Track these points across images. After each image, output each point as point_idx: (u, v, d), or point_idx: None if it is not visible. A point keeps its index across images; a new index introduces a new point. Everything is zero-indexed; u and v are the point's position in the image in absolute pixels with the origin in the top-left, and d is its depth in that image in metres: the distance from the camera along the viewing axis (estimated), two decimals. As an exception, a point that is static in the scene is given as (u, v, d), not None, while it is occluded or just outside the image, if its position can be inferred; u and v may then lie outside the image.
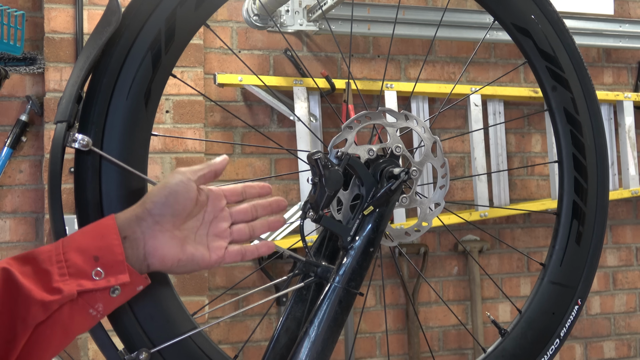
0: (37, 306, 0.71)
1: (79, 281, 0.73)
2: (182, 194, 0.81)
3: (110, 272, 0.75)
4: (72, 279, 0.73)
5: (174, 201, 0.80)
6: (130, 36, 0.88)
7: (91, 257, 0.74)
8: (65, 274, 0.73)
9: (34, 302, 0.70)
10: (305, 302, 0.98)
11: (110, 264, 0.75)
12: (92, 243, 0.75)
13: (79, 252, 0.74)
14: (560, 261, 1.15)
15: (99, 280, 0.74)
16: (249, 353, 2.81)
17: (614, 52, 3.37)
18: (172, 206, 0.80)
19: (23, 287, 0.70)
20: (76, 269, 0.73)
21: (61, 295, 0.72)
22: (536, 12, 1.13)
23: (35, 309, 0.71)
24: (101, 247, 0.75)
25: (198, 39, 2.64)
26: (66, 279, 0.72)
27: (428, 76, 3.09)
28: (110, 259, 0.75)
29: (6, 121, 2.52)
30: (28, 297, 0.70)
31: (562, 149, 1.16)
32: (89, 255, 0.74)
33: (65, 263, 0.73)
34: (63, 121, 0.84)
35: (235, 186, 0.89)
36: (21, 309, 0.70)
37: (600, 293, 3.32)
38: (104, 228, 0.77)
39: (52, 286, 0.71)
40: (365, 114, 0.98)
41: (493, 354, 1.12)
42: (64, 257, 0.73)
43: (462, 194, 3.12)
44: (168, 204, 0.80)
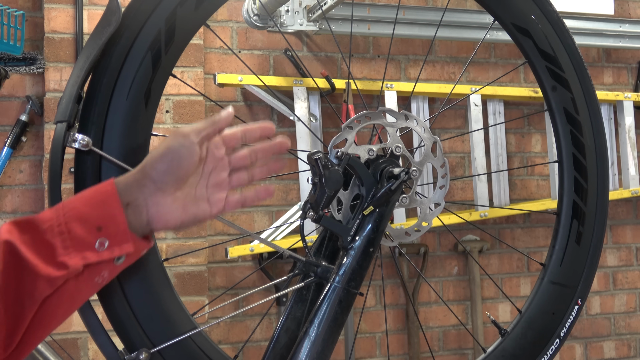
0: (43, 282, 0.70)
1: (84, 253, 0.72)
2: (185, 159, 0.78)
3: (114, 242, 0.73)
4: (76, 252, 0.71)
5: (177, 166, 0.78)
6: (130, 36, 0.88)
7: (94, 227, 0.72)
8: (68, 247, 0.71)
9: (40, 278, 0.70)
10: (305, 302, 0.98)
11: (113, 234, 0.73)
12: (94, 212, 0.73)
13: (81, 222, 0.72)
14: (560, 261, 1.15)
15: (103, 252, 0.73)
16: (249, 353, 2.81)
17: (614, 52, 3.37)
18: (174, 172, 0.78)
19: (28, 262, 0.69)
20: (79, 241, 0.72)
21: (67, 270, 0.71)
22: (536, 12, 1.13)
23: (41, 285, 0.70)
24: (103, 216, 0.73)
25: (198, 39, 2.64)
26: (70, 251, 0.71)
27: (428, 76, 3.09)
28: (113, 229, 0.73)
29: (6, 121, 2.52)
30: (34, 272, 0.69)
31: (562, 149, 1.16)
32: (91, 225, 0.72)
33: (68, 235, 0.71)
34: (63, 121, 0.84)
35: (234, 130, 0.85)
36: (27, 284, 0.70)
37: (600, 293, 3.32)
38: (105, 195, 0.74)
39: (57, 260, 0.70)
40: (365, 114, 0.98)
41: (493, 354, 1.12)
42: (66, 227, 0.72)
43: (462, 194, 3.12)
44: (170, 170, 0.77)
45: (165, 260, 0.95)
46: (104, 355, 0.88)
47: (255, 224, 2.82)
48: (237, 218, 2.80)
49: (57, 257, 0.71)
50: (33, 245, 0.70)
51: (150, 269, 0.90)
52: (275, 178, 2.85)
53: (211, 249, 2.70)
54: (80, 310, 0.89)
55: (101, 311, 0.89)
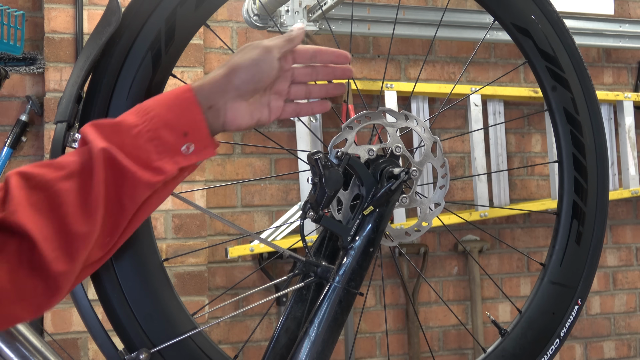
0: (143, 187, 0.75)
1: (175, 158, 0.77)
2: (266, 72, 0.85)
3: (199, 147, 0.79)
4: (168, 157, 0.77)
5: (258, 78, 0.84)
6: (130, 36, 0.88)
7: (181, 133, 0.78)
8: (161, 152, 0.76)
9: (140, 184, 0.74)
10: (305, 302, 0.98)
11: (197, 139, 0.79)
12: (179, 118, 0.78)
13: (169, 128, 0.77)
14: (560, 261, 1.15)
15: (190, 155, 0.79)
16: (249, 353, 2.81)
17: (614, 52, 3.37)
18: (255, 82, 0.84)
19: (129, 170, 0.73)
20: (169, 146, 0.77)
21: (165, 175, 0.76)
22: (536, 12, 1.13)
23: (141, 190, 0.75)
24: (188, 123, 0.79)
25: (198, 39, 2.64)
26: (163, 157, 0.76)
27: (428, 76, 3.09)
28: (197, 134, 0.79)
29: (6, 121, 2.52)
30: (135, 179, 0.74)
31: (562, 149, 1.16)
32: (179, 131, 0.78)
33: (159, 141, 0.76)
34: (63, 121, 0.84)
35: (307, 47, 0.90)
36: (128, 190, 0.74)
37: (600, 293, 3.32)
38: (186, 102, 0.79)
39: (153, 165, 0.76)
40: (365, 114, 0.98)
41: (493, 354, 1.12)
42: (156, 134, 0.76)
43: (462, 194, 3.12)
44: (252, 80, 0.83)
45: (165, 260, 0.95)
46: (104, 355, 0.88)
47: (255, 224, 2.82)
48: (237, 218, 2.80)
49: (153, 163, 0.76)
50: (128, 151, 0.74)
51: (150, 269, 0.90)
52: (275, 178, 2.85)
53: (211, 249, 2.70)
54: (80, 310, 0.89)
55: (101, 311, 0.89)
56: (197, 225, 2.59)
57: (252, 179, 2.79)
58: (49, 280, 0.68)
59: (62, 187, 0.70)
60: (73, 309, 2.33)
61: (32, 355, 0.96)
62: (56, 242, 0.68)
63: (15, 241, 0.66)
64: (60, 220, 0.69)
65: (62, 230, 0.69)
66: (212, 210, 2.72)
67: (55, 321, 2.40)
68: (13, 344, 0.96)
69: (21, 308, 0.68)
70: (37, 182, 0.70)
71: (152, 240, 0.92)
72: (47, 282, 0.68)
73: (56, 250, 0.68)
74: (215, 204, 2.76)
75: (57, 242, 0.68)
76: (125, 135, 0.75)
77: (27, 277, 0.67)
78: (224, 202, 2.78)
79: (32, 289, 0.68)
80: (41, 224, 0.68)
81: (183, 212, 2.57)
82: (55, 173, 0.71)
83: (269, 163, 2.86)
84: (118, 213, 0.74)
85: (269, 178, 2.85)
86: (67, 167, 0.72)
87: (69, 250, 0.69)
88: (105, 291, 0.88)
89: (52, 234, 0.68)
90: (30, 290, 0.67)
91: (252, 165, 2.83)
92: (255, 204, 2.82)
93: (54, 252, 0.68)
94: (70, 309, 2.38)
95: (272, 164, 2.86)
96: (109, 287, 0.88)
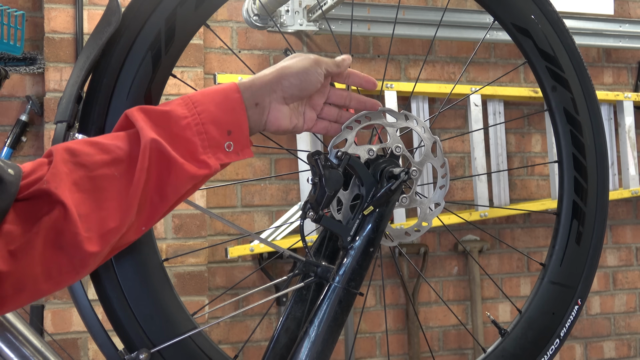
0: (188, 179, 0.77)
1: (218, 154, 0.80)
2: (314, 84, 0.89)
3: (239, 147, 0.83)
4: (212, 152, 0.80)
5: (305, 88, 0.89)
6: (130, 36, 0.88)
7: (225, 131, 0.81)
8: (207, 147, 0.79)
9: (186, 176, 0.76)
10: (305, 302, 0.98)
11: (238, 139, 0.82)
12: (226, 117, 0.81)
13: (215, 125, 0.80)
14: (560, 261, 1.15)
15: (230, 153, 0.82)
16: (249, 353, 2.81)
17: (614, 52, 3.37)
18: (301, 89, 0.88)
19: (176, 161, 0.75)
20: (214, 142, 0.80)
21: (209, 170, 0.79)
22: (536, 12, 1.13)
23: (186, 181, 0.77)
24: (233, 122, 0.82)
25: (198, 39, 2.64)
26: (208, 151, 0.79)
27: (428, 76, 3.09)
28: (239, 134, 0.82)
29: (6, 121, 2.52)
30: (181, 170, 0.76)
31: (562, 149, 1.16)
32: (224, 129, 0.81)
33: (206, 135, 0.79)
34: (63, 121, 0.84)
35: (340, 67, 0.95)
36: (173, 179, 0.76)
37: (600, 293, 3.32)
38: (234, 102, 0.83)
39: (198, 158, 0.78)
40: (365, 114, 0.98)
41: (493, 354, 1.12)
42: (204, 128, 0.79)
43: (462, 194, 3.12)
44: (301, 87, 0.88)
45: (165, 260, 0.95)
46: (104, 355, 0.88)
47: (255, 224, 2.82)
48: (237, 218, 2.80)
49: (198, 156, 0.78)
50: (175, 142, 0.76)
51: (150, 269, 0.90)
52: (275, 178, 2.85)
53: (211, 249, 2.70)
54: (80, 310, 0.89)
55: (101, 311, 0.89)
56: (197, 225, 2.59)
57: (252, 179, 2.79)
58: (75, 259, 0.69)
59: (106, 172, 0.72)
60: (73, 309, 2.33)
61: (32, 355, 0.96)
62: (91, 223, 0.69)
63: (54, 214, 0.67)
64: (99, 204, 0.70)
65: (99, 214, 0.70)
66: (212, 210, 2.72)
67: (55, 321, 2.40)
68: (13, 344, 0.96)
69: (45, 281, 0.68)
70: (82, 161, 0.71)
71: (152, 240, 0.92)
72: (73, 261, 0.69)
73: (90, 231, 0.69)
74: (215, 204, 2.76)
75: (91, 223, 0.69)
76: (174, 125, 0.77)
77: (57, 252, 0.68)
78: (224, 202, 2.78)
79: (58, 264, 0.68)
80: (80, 203, 0.69)
81: (183, 212, 2.57)
82: (102, 156, 0.72)
83: (269, 163, 2.86)
84: (158, 202, 0.76)
85: (269, 178, 2.85)
86: (114, 152, 0.73)
87: (102, 233, 0.70)
88: (105, 291, 0.88)
89: (88, 214, 0.69)
90: (56, 265, 0.68)
91: (252, 165, 2.83)
92: (255, 204, 2.82)
93: (87, 232, 0.69)
94: (70, 309, 2.38)
95: (272, 164, 2.86)
96: (109, 287, 0.88)
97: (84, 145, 0.72)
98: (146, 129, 0.74)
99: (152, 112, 0.77)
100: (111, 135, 0.76)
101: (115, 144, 0.74)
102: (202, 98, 0.81)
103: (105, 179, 0.71)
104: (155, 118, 0.77)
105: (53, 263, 0.68)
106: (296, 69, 0.88)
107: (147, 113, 0.77)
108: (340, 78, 0.95)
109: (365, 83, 0.97)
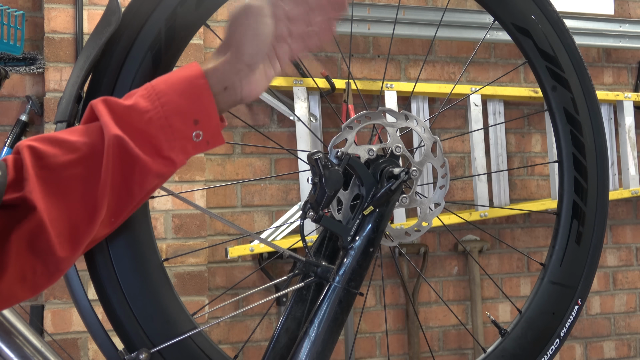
0: (153, 177, 0.75)
1: (185, 147, 0.77)
2: (268, 34, 0.83)
3: (208, 135, 0.79)
4: (178, 145, 0.76)
5: (264, 45, 0.83)
6: (130, 36, 0.88)
7: (191, 120, 0.77)
8: (171, 141, 0.75)
9: (151, 173, 0.74)
10: (305, 302, 0.98)
11: (207, 127, 0.78)
12: (191, 106, 0.77)
13: (180, 116, 0.76)
14: (560, 261, 1.15)
15: (199, 143, 0.78)
16: (249, 353, 2.81)
17: (614, 52, 3.37)
18: (262, 50, 0.83)
19: (140, 159, 0.73)
20: (180, 134, 0.76)
21: (175, 167, 0.77)
22: (536, 12, 1.13)
23: (152, 179, 0.75)
24: (199, 110, 0.77)
25: (198, 39, 2.64)
26: (174, 145, 0.76)
27: (428, 76, 3.09)
28: (208, 122, 0.78)
29: (6, 121, 2.52)
30: (145, 168, 0.74)
31: (562, 149, 1.16)
32: (189, 119, 0.77)
33: (170, 129, 0.75)
34: (63, 121, 0.84)
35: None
36: (138, 177, 0.74)
37: (600, 293, 3.32)
38: (199, 89, 0.78)
39: (163, 154, 0.75)
40: (365, 114, 0.98)
41: (493, 354, 1.12)
42: (167, 122, 0.75)
43: (462, 194, 3.12)
44: (260, 49, 0.82)
45: (165, 260, 0.95)
46: (104, 355, 0.88)
47: (255, 224, 2.82)
48: (237, 218, 2.80)
49: (163, 152, 0.75)
50: (139, 138, 0.73)
51: (150, 269, 0.90)
52: (275, 178, 2.85)
53: (211, 249, 2.70)
54: (80, 310, 0.89)
55: (101, 311, 0.89)
56: (197, 225, 2.59)
57: (252, 179, 2.79)
58: (49, 264, 0.68)
59: (73, 172, 0.70)
60: (73, 309, 2.33)
61: (32, 355, 0.96)
62: (61, 228, 0.68)
63: (28, 221, 0.66)
64: (68, 207, 0.69)
65: (69, 217, 0.69)
66: (212, 210, 2.72)
67: (55, 321, 2.40)
68: (13, 344, 0.96)
69: (21, 287, 0.68)
70: (48, 163, 0.69)
71: (152, 240, 0.92)
72: (48, 265, 0.68)
73: (61, 236, 0.68)
74: (215, 204, 2.76)
75: (62, 228, 0.68)
76: (137, 120, 0.74)
77: (31, 257, 0.67)
78: (224, 202, 2.78)
79: (33, 270, 0.68)
80: (49, 207, 0.68)
81: (183, 212, 2.57)
82: (67, 156, 0.70)
83: (269, 163, 2.85)
84: (126, 198, 0.74)
85: (269, 178, 2.85)
86: (79, 150, 0.71)
87: (72, 236, 0.69)
88: (105, 291, 0.88)
89: (58, 218, 0.68)
90: (31, 270, 0.67)
91: (252, 165, 2.83)
92: (255, 204, 2.82)
93: (58, 237, 0.68)
94: (70, 309, 2.38)
95: (272, 164, 2.86)
96: (109, 287, 0.88)
97: (49, 146, 0.70)
98: (110, 125, 0.72)
99: (115, 106, 0.74)
100: (76, 131, 0.73)
101: (80, 140, 0.72)
102: (166, 87, 0.77)
103: (72, 180, 0.70)
104: (119, 112, 0.74)
105: (28, 267, 0.67)
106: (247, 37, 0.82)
107: (110, 107, 0.74)
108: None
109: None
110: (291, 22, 0.87)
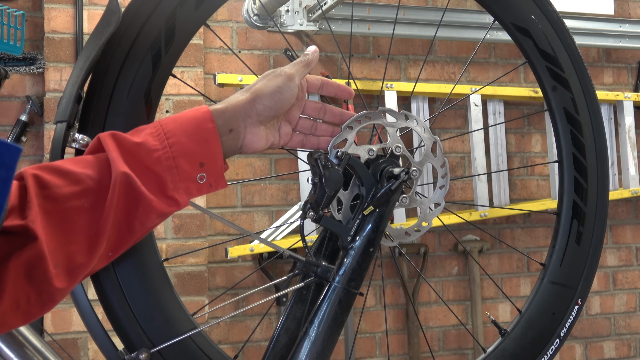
0: (156, 215, 0.76)
1: (189, 188, 0.78)
2: (288, 101, 0.87)
3: (212, 178, 0.80)
4: (182, 186, 0.78)
5: (281, 106, 0.86)
6: (130, 36, 0.88)
7: (197, 163, 0.79)
8: (177, 181, 0.77)
9: (154, 212, 0.75)
10: (305, 302, 0.98)
11: (212, 170, 0.80)
12: (198, 149, 0.79)
13: (187, 158, 0.78)
14: (560, 261, 1.15)
15: (203, 185, 0.79)
16: (249, 353, 2.81)
17: (614, 52, 3.37)
18: (277, 109, 0.86)
19: (145, 197, 0.74)
20: (185, 176, 0.78)
21: (178, 207, 0.78)
22: (536, 12, 1.13)
23: (154, 217, 0.76)
24: (205, 154, 0.79)
25: (198, 39, 2.64)
26: (178, 186, 0.77)
27: (428, 76, 3.09)
28: (212, 165, 0.80)
29: (6, 121, 2.52)
30: (149, 207, 0.75)
31: (562, 149, 1.16)
32: (195, 161, 0.78)
33: (176, 170, 0.77)
34: (63, 121, 0.84)
35: (316, 78, 0.94)
36: (141, 214, 0.74)
37: (600, 293, 3.32)
38: (207, 133, 0.80)
39: (167, 194, 0.76)
40: (365, 114, 0.98)
41: (493, 354, 1.12)
42: (174, 162, 0.77)
43: (462, 194, 3.12)
44: (274, 107, 0.85)
45: (165, 260, 0.95)
46: (104, 355, 0.88)
47: (255, 224, 2.82)
48: (237, 218, 2.80)
49: (168, 192, 0.76)
50: (145, 176, 0.75)
51: (150, 269, 0.90)
52: (275, 178, 2.85)
53: (211, 249, 2.70)
54: (80, 310, 0.89)
55: (101, 311, 0.89)
56: (197, 225, 2.59)
57: (252, 179, 2.79)
58: (44, 294, 0.68)
59: (76, 204, 0.70)
60: (73, 309, 2.33)
61: (32, 355, 0.96)
62: (59, 259, 0.68)
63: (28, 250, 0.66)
64: (68, 238, 0.69)
65: (68, 249, 0.69)
66: (212, 210, 2.72)
67: (55, 321, 2.40)
68: (13, 344, 0.96)
69: (13, 315, 0.67)
70: (52, 193, 0.69)
71: (152, 240, 0.92)
72: (42, 295, 0.68)
73: (58, 267, 0.68)
74: (215, 204, 2.76)
75: (60, 259, 0.68)
76: (145, 158, 0.75)
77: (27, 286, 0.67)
78: (224, 202, 2.78)
79: (27, 298, 0.67)
80: (49, 237, 0.67)
81: (183, 212, 2.57)
82: (71, 187, 0.70)
83: (269, 163, 2.86)
84: (126, 234, 0.75)
85: (269, 178, 2.85)
86: (83, 183, 0.71)
87: (70, 268, 0.69)
88: (105, 291, 0.88)
89: (57, 249, 0.68)
90: (25, 299, 0.67)
91: (252, 165, 2.83)
92: (255, 204, 2.82)
93: (55, 268, 0.67)
94: (70, 309, 2.38)
95: (272, 164, 2.86)
96: (109, 287, 0.88)
97: (54, 176, 0.70)
98: (118, 161, 0.73)
99: (124, 142, 0.75)
100: (82, 162, 0.74)
101: (86, 172, 0.72)
102: (175, 128, 0.78)
103: (75, 212, 0.70)
104: (127, 148, 0.75)
105: (22, 296, 0.67)
106: (269, 90, 0.85)
107: (119, 142, 0.75)
108: (315, 87, 0.93)
109: (340, 92, 0.95)
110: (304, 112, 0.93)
